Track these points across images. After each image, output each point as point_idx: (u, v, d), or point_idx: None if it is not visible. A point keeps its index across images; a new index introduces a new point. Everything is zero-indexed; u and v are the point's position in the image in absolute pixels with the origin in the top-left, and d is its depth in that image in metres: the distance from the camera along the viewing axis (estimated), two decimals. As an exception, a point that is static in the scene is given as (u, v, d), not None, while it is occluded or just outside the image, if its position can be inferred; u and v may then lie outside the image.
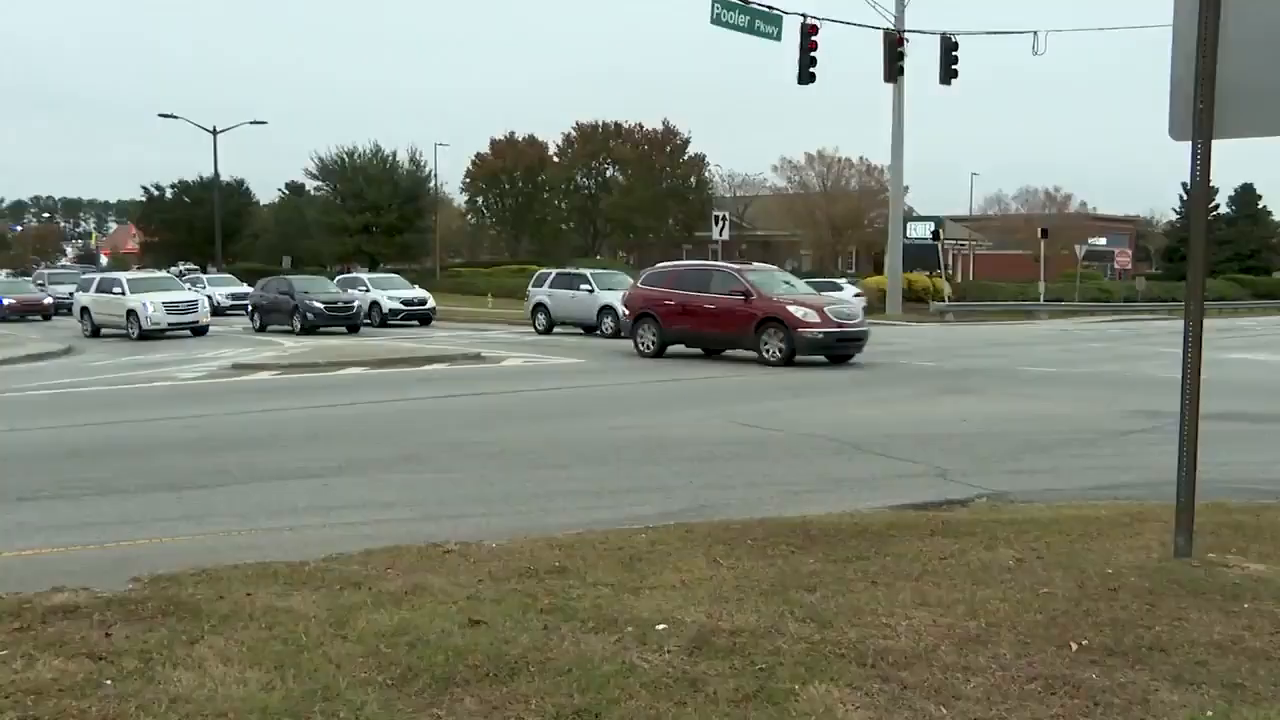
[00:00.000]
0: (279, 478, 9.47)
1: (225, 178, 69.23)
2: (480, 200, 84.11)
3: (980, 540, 6.47)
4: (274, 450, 11.03)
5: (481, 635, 4.73)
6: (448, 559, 6.14)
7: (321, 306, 33.40)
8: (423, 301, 38.30)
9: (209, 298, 39.11)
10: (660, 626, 4.84)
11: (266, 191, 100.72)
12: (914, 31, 37.69)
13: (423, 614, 5.03)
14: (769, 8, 32.88)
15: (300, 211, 76.43)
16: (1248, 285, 65.16)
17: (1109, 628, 4.83)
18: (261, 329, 34.99)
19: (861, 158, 69.62)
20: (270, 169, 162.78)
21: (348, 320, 33.73)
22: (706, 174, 77.98)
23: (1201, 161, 5.84)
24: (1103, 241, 74.36)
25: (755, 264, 29.19)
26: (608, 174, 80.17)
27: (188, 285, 40.04)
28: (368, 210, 67.84)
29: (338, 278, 43.50)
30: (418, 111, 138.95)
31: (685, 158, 77.83)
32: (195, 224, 73.31)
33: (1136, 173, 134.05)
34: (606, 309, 30.46)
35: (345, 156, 70.28)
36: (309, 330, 32.99)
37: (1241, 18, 5.72)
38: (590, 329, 31.65)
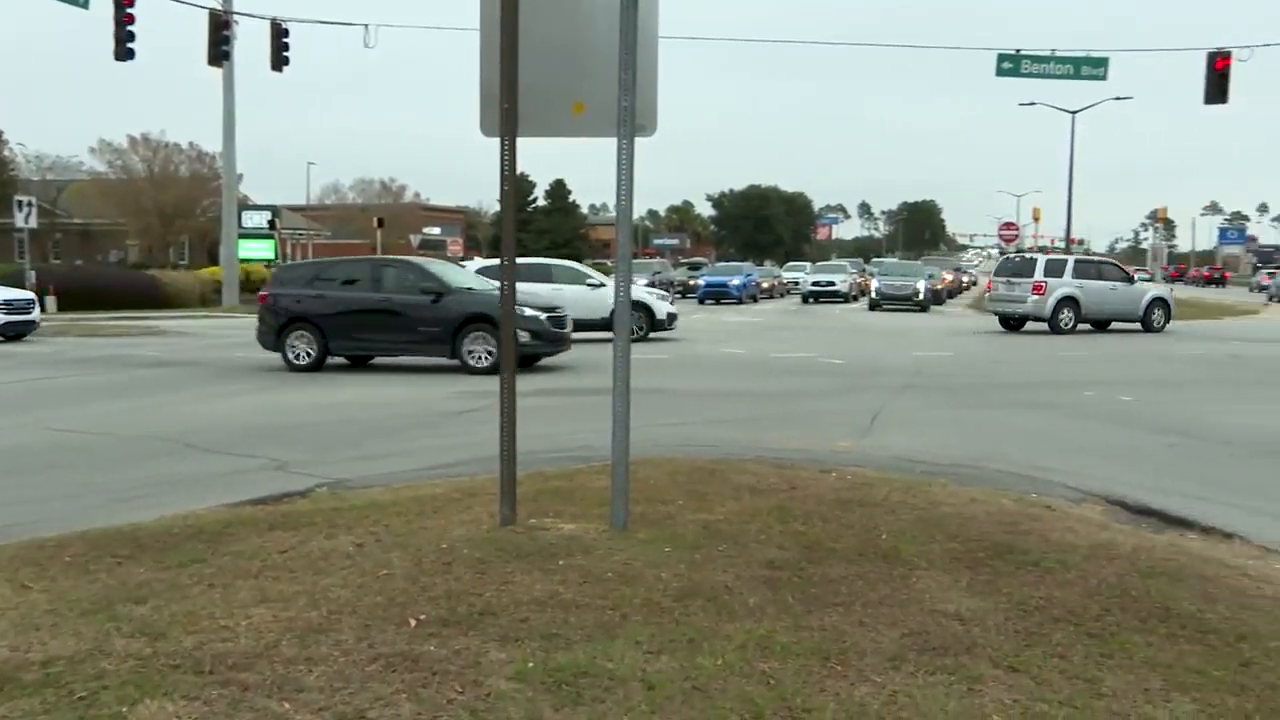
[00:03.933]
0: None
1: None
2: None
3: (321, 529, 6.47)
4: None
5: None
6: None
7: (542, 318, 18.01)
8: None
9: None
10: (-44, 668, 4.25)
11: None
12: (243, 15, 36.61)
13: None
14: (72, -27, 30.10)
15: None
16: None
17: (444, 600, 5.07)
18: (317, 366, 18.35)
19: (192, 143, 66.40)
20: None
21: (555, 346, 18.60)
22: (7, 153, 69.80)
23: (509, 157, 6.32)
24: (437, 231, 78.31)
25: None
26: None
27: None
28: None
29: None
30: None
31: (-20, 134, 68.96)
32: None
33: (467, 166, 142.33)
34: (1157, 301, 29.30)
35: None
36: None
37: (533, 30, 6.26)
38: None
